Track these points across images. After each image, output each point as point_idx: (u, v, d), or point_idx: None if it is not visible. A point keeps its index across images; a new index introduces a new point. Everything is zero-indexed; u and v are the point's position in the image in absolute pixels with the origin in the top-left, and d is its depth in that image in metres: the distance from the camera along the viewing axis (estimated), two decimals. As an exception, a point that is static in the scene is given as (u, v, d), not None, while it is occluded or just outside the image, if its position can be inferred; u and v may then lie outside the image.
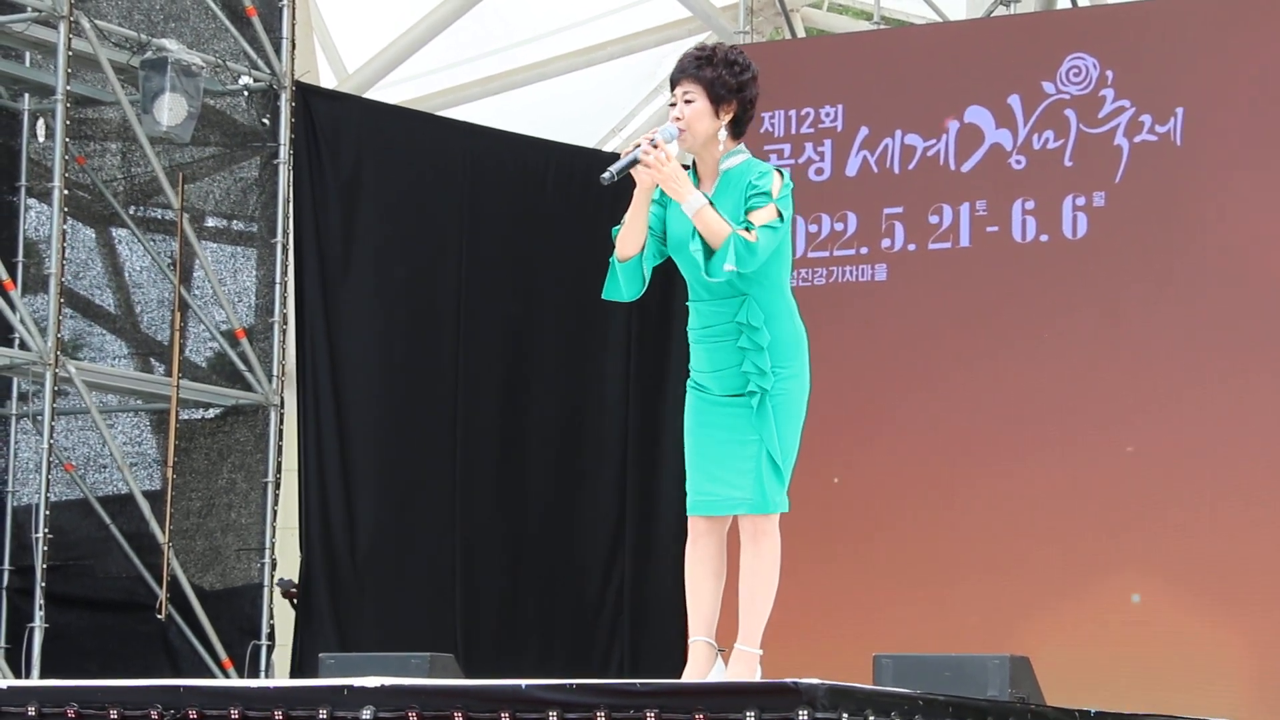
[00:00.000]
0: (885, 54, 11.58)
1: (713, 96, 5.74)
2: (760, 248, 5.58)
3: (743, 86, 5.77)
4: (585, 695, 4.90)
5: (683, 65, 5.78)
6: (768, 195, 5.66)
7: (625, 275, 5.78)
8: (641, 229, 5.75)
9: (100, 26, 10.46)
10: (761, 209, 5.64)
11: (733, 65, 5.77)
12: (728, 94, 5.75)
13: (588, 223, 12.18)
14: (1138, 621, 10.42)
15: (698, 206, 5.61)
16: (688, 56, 5.81)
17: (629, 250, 5.75)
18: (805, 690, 4.65)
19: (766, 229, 5.61)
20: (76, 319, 11.00)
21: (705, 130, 5.75)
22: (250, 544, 11.00)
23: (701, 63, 5.76)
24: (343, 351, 11.55)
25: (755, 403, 5.68)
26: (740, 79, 5.77)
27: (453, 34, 13.65)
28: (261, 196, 11.26)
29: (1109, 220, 10.73)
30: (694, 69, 5.75)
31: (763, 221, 5.62)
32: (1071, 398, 10.70)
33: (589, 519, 12.38)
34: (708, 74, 5.73)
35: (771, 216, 5.64)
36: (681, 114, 5.74)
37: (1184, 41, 10.74)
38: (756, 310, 5.69)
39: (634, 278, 5.79)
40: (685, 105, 5.74)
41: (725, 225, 5.58)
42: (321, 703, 5.18)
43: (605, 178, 5.68)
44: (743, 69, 5.79)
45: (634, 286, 5.80)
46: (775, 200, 5.66)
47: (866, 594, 10.98)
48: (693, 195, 5.62)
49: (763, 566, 5.71)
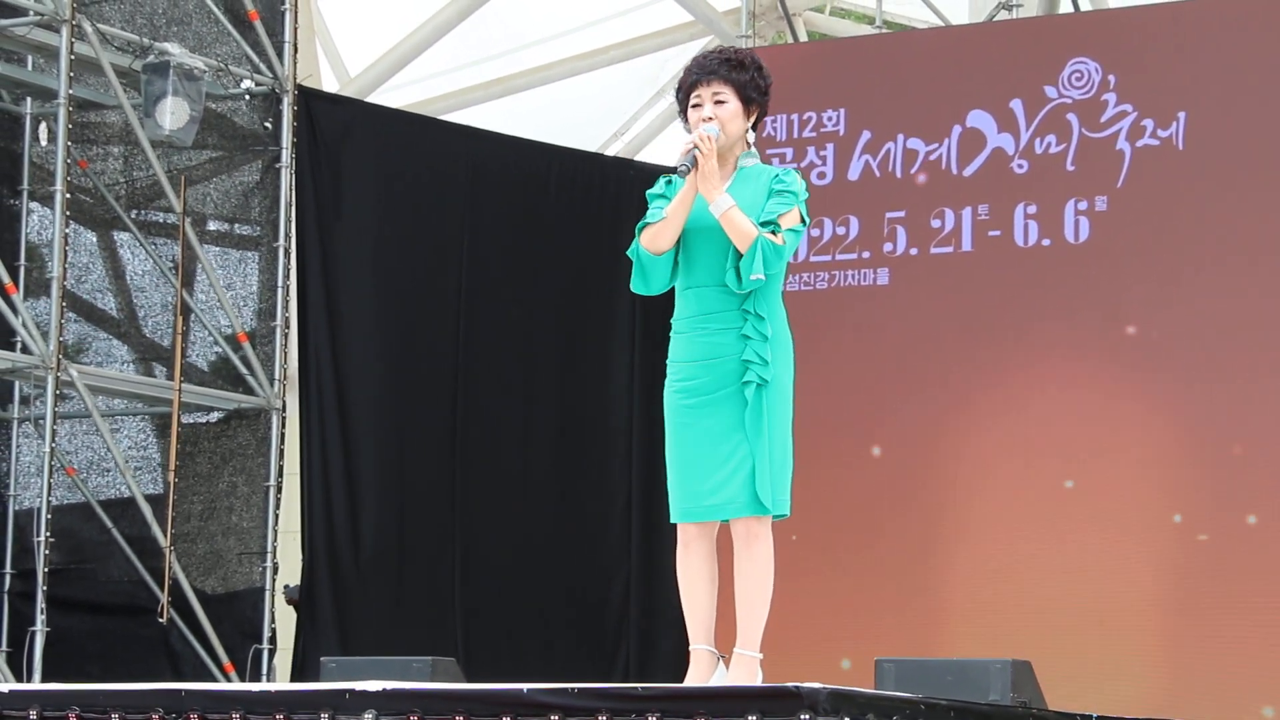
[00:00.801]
0: (887, 58, 11.58)
1: (744, 98, 5.81)
2: (786, 251, 5.65)
3: (768, 91, 5.87)
4: (587, 699, 4.90)
5: (709, 67, 5.81)
6: (795, 196, 5.72)
7: (657, 269, 5.77)
8: (681, 226, 5.74)
9: (102, 30, 10.47)
10: (788, 211, 5.69)
11: (761, 69, 5.86)
12: (758, 96, 5.84)
13: (590, 227, 12.20)
14: (1139, 624, 10.41)
15: (725, 207, 5.64)
16: (712, 59, 5.84)
17: (665, 245, 5.74)
18: (807, 694, 4.65)
19: (791, 232, 5.68)
20: (80, 323, 11.01)
21: (737, 131, 5.80)
22: (252, 548, 11.00)
23: (733, 65, 5.80)
24: (345, 355, 11.55)
25: (751, 393, 5.63)
26: (768, 83, 5.87)
27: (455, 38, 13.67)
28: (263, 200, 11.26)
29: (1111, 224, 10.73)
30: (726, 71, 5.79)
31: (789, 225, 5.67)
32: (1072, 401, 10.70)
33: (593, 521, 12.38)
34: (740, 76, 5.79)
35: (796, 220, 5.69)
36: (714, 114, 5.76)
37: (1186, 46, 10.73)
38: (763, 302, 5.70)
39: (665, 271, 5.78)
40: (717, 106, 5.78)
41: (752, 228, 5.62)
42: (323, 707, 5.18)
43: (682, 169, 5.67)
44: (768, 74, 5.89)
45: (664, 279, 5.80)
46: (800, 203, 5.72)
47: (868, 598, 10.97)
48: (722, 195, 5.66)
49: (757, 570, 5.67)
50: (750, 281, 5.60)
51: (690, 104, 5.83)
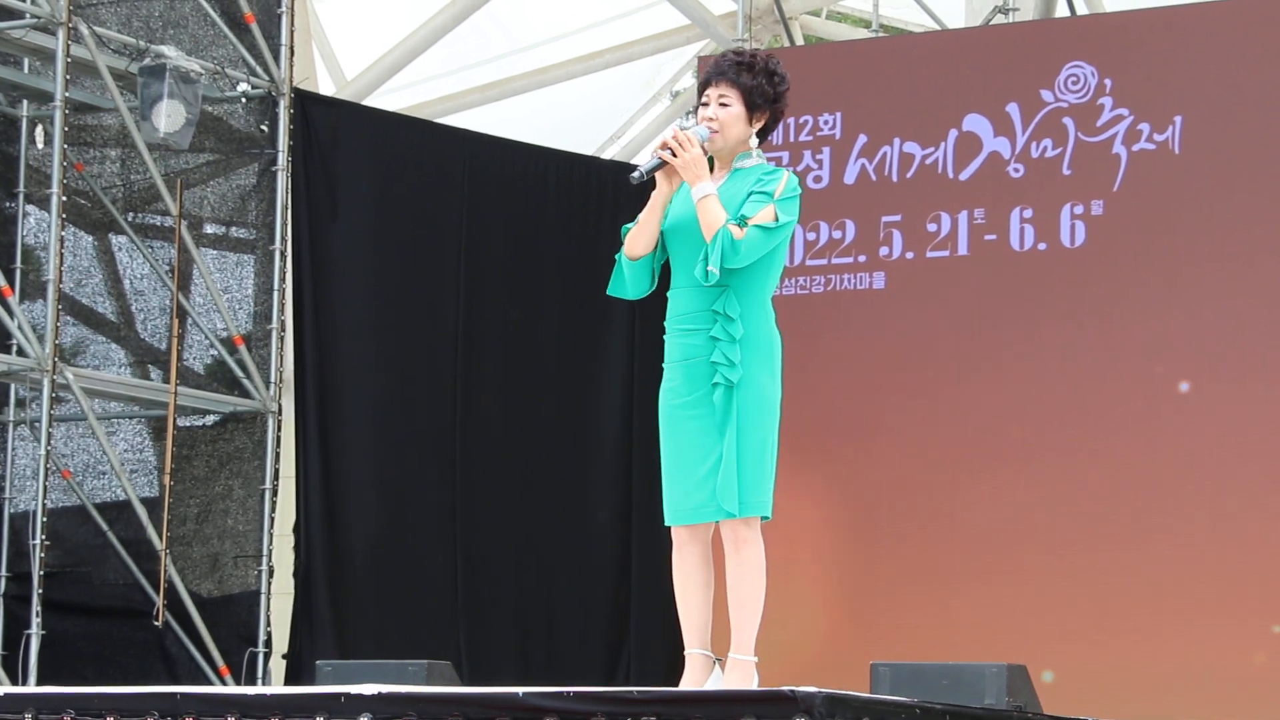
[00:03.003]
0: (884, 62, 11.58)
1: (749, 103, 5.73)
2: (747, 245, 5.55)
3: (779, 98, 5.77)
4: (583, 703, 4.90)
5: (721, 67, 5.75)
6: (769, 196, 5.63)
7: (633, 273, 5.76)
8: (654, 230, 5.73)
9: (99, 33, 10.46)
10: (761, 209, 5.61)
11: (772, 75, 5.75)
12: (764, 103, 5.74)
13: (587, 230, 12.19)
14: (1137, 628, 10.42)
15: (704, 194, 5.60)
16: (726, 60, 5.77)
17: (639, 250, 5.74)
18: (802, 698, 4.64)
19: (760, 229, 5.58)
20: (76, 326, 11.00)
21: (737, 136, 5.74)
22: (248, 551, 10.99)
23: (742, 68, 5.72)
24: (340, 358, 11.55)
25: (719, 396, 5.59)
26: (778, 90, 5.76)
27: (451, 41, 13.67)
28: (260, 203, 11.26)
29: (1107, 229, 10.73)
30: (734, 74, 5.72)
31: (758, 221, 5.59)
32: (1069, 406, 10.70)
33: (593, 524, 12.37)
34: (747, 81, 5.71)
35: (768, 218, 5.60)
36: (715, 115, 5.71)
37: (1182, 50, 10.74)
38: (734, 303, 5.63)
39: (642, 276, 5.77)
40: (720, 108, 5.72)
41: (721, 217, 5.57)
42: (318, 710, 5.17)
43: (634, 177, 5.68)
44: (781, 79, 5.77)
45: (641, 285, 5.78)
46: (776, 202, 5.62)
47: (865, 602, 10.98)
48: (703, 182, 5.61)
49: (748, 574, 5.63)
50: (709, 274, 5.55)
51: (700, 101, 5.80)
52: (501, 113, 14.16)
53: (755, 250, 5.58)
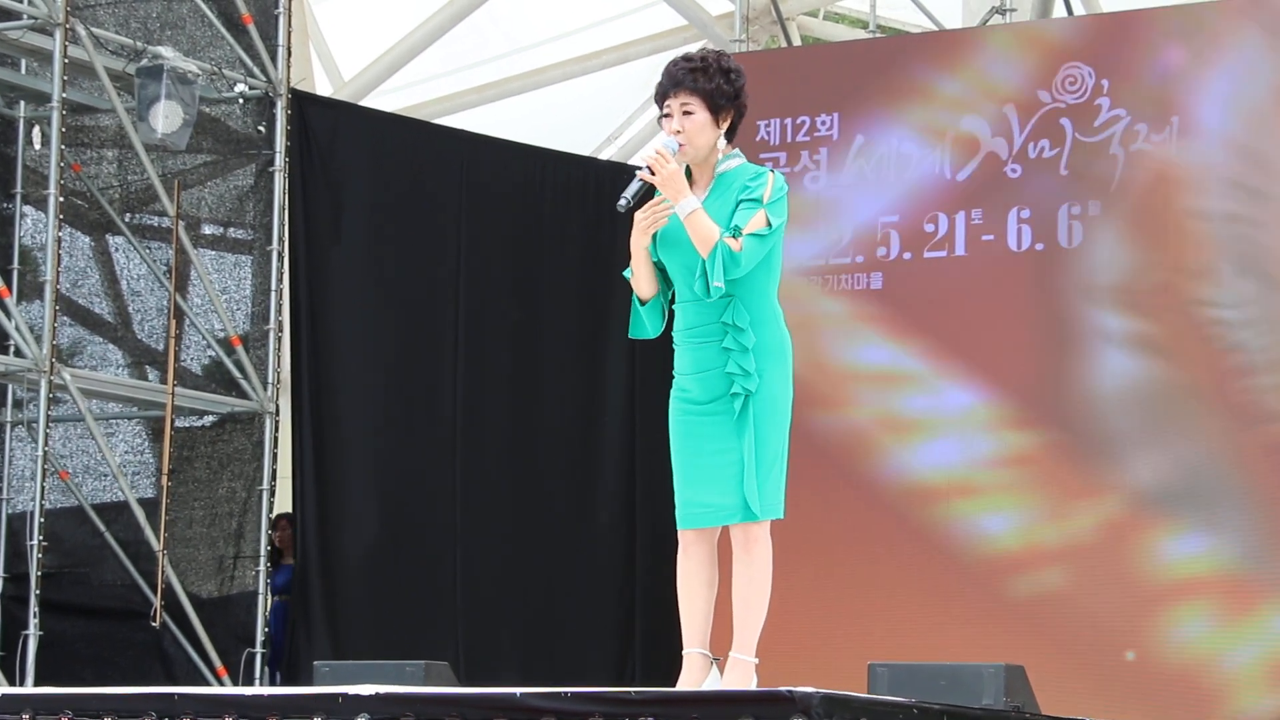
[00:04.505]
0: (881, 63, 11.57)
1: (712, 107, 5.67)
2: (745, 256, 5.54)
3: (739, 93, 5.72)
4: (581, 703, 4.90)
5: (675, 76, 5.69)
6: (759, 202, 5.61)
7: (649, 314, 5.78)
8: (649, 274, 5.73)
9: (96, 34, 10.47)
10: (752, 216, 5.59)
11: (728, 73, 5.69)
12: (726, 102, 5.69)
13: (584, 230, 12.20)
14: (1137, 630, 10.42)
15: (690, 210, 5.56)
16: (678, 67, 5.70)
17: (647, 292, 5.75)
18: (800, 698, 4.64)
19: (754, 237, 5.56)
20: (73, 326, 11.00)
21: (707, 142, 5.69)
22: (245, 552, 11.00)
23: (697, 73, 5.67)
24: (337, 358, 11.56)
25: (739, 405, 5.60)
26: (736, 86, 5.71)
27: (448, 42, 13.68)
28: (257, 204, 11.27)
29: (1104, 229, 10.72)
30: (690, 81, 5.66)
31: (751, 229, 5.57)
32: (1068, 406, 10.70)
33: (594, 525, 12.36)
34: (705, 84, 5.66)
35: (760, 225, 5.58)
36: (681, 127, 5.66)
37: (1179, 51, 10.73)
38: (743, 312, 5.63)
39: (656, 314, 5.79)
40: (684, 118, 5.67)
41: (713, 234, 5.54)
42: (316, 710, 5.17)
43: (621, 206, 5.65)
44: (737, 74, 5.72)
45: (657, 323, 5.80)
46: (766, 206, 5.60)
47: (862, 602, 10.97)
48: (686, 198, 5.58)
49: (755, 575, 5.65)
50: (715, 289, 5.54)
51: (662, 113, 5.74)
52: (499, 113, 14.17)
53: (753, 258, 5.57)
